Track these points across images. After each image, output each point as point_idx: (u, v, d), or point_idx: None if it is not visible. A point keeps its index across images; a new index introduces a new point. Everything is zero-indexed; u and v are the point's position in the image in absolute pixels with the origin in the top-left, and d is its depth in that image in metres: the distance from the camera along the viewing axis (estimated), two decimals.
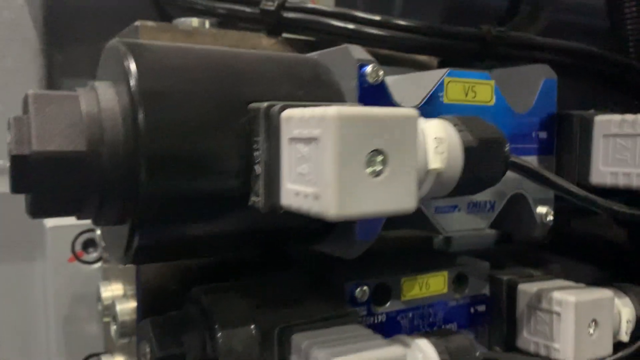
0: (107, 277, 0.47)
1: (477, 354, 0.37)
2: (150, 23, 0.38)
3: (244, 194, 0.29)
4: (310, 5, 0.43)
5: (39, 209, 0.27)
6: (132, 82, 0.27)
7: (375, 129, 0.24)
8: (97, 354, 0.49)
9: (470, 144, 0.30)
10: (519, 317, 0.42)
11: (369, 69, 0.31)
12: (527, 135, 0.39)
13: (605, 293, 0.41)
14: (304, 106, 0.26)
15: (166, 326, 0.34)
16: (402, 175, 0.25)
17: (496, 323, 0.44)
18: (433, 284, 0.42)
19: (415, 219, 0.34)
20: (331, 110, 0.23)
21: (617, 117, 0.39)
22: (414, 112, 0.25)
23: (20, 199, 0.28)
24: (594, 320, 0.39)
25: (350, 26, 0.42)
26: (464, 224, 0.37)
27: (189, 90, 0.28)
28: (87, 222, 0.46)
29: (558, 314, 0.39)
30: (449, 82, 0.36)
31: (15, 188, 0.26)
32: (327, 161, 0.23)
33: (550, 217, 0.40)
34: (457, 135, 0.30)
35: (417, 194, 0.25)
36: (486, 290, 0.44)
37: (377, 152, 0.24)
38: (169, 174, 0.27)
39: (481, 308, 0.44)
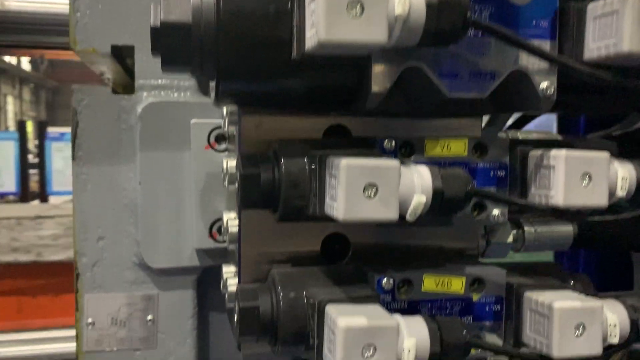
0: (229, 155, 0.65)
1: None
2: None
3: (288, 53, 0.44)
4: None
5: (168, 64, 0.45)
6: None
7: None
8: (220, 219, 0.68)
9: None
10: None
11: None
12: (528, 23, 0.49)
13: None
14: None
15: None
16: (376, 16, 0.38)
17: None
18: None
19: (420, 79, 0.46)
20: None
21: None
22: None
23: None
24: None
25: None
26: (465, 88, 0.48)
27: None
28: (220, 121, 0.65)
29: None
30: None
31: (153, 47, 0.44)
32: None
33: (552, 90, 0.49)
34: None
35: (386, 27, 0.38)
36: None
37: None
38: (239, 44, 0.43)
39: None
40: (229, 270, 0.63)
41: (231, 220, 0.58)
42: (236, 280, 0.58)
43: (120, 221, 0.71)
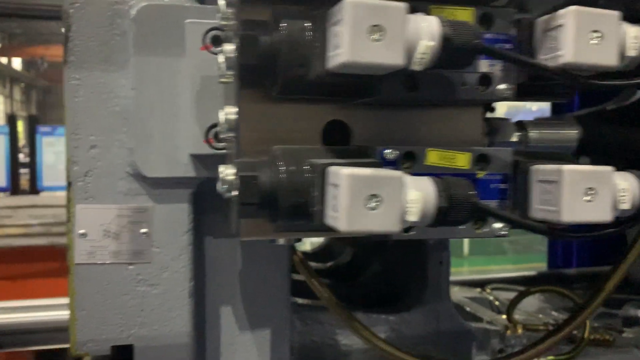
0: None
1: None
2: None
3: None
4: None
5: None
6: None
7: None
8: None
9: None
10: None
11: None
12: None
13: None
14: None
15: None
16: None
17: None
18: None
19: None
20: None
21: None
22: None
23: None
24: None
25: None
26: None
27: None
28: (216, 21, 0.64)
29: None
30: None
31: None
32: None
33: None
34: None
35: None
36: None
37: None
38: None
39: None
40: (226, 170, 0.61)
41: (229, 112, 0.57)
42: (234, 169, 0.56)
43: (113, 129, 0.69)
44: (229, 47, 0.55)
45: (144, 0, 0.68)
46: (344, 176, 0.42)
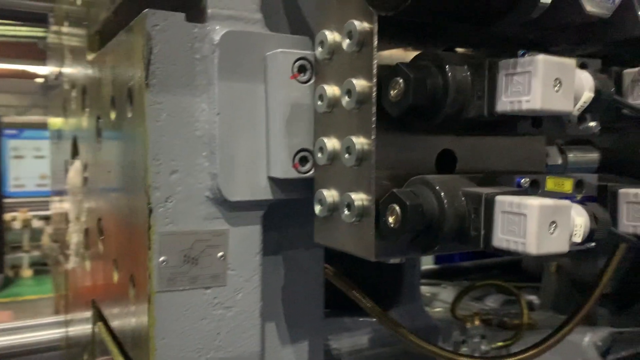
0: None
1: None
2: None
3: None
4: None
5: None
6: None
7: None
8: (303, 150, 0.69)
9: None
10: None
11: None
12: None
13: None
14: None
15: None
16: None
17: None
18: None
19: None
20: None
21: None
22: None
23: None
24: None
25: None
26: None
27: None
28: (302, 51, 0.67)
29: None
30: None
31: None
32: None
33: None
34: None
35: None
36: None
37: None
38: None
39: None
40: (330, 194, 0.65)
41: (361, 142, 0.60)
42: (359, 195, 0.60)
43: (193, 154, 0.69)
44: (361, 83, 0.59)
45: (222, 26, 0.69)
46: (534, 207, 0.49)
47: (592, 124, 0.61)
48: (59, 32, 1.52)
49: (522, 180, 0.57)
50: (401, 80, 0.54)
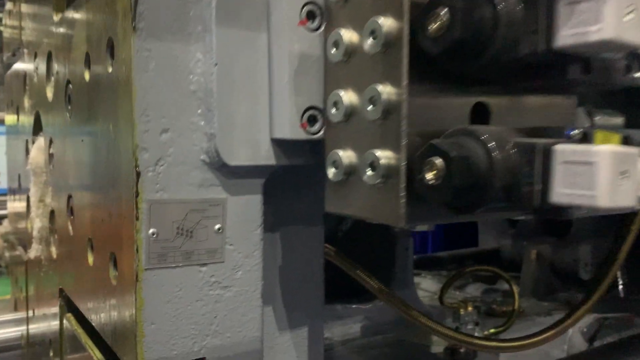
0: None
1: None
2: None
3: None
4: None
5: None
6: None
7: None
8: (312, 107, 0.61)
9: None
10: None
11: None
12: None
13: None
14: None
15: None
16: None
17: None
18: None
19: None
20: None
21: None
22: None
23: None
24: None
25: None
26: None
27: None
28: None
29: None
30: None
31: None
32: None
33: None
34: None
35: None
36: None
37: None
38: None
39: None
40: (347, 155, 0.57)
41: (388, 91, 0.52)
42: (385, 153, 0.53)
43: (187, 111, 0.60)
44: (388, 22, 0.51)
45: None
46: (606, 153, 0.42)
47: (638, 74, 0.55)
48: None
49: (572, 132, 0.50)
50: (444, 11, 0.46)
